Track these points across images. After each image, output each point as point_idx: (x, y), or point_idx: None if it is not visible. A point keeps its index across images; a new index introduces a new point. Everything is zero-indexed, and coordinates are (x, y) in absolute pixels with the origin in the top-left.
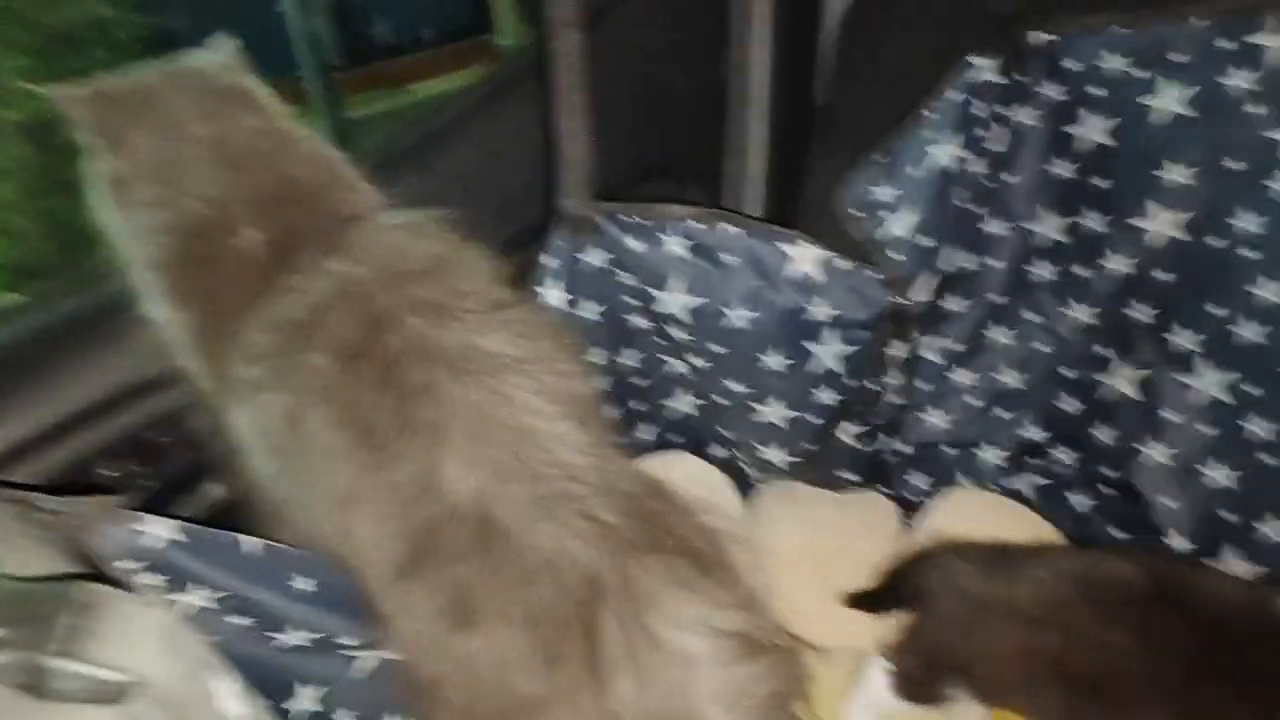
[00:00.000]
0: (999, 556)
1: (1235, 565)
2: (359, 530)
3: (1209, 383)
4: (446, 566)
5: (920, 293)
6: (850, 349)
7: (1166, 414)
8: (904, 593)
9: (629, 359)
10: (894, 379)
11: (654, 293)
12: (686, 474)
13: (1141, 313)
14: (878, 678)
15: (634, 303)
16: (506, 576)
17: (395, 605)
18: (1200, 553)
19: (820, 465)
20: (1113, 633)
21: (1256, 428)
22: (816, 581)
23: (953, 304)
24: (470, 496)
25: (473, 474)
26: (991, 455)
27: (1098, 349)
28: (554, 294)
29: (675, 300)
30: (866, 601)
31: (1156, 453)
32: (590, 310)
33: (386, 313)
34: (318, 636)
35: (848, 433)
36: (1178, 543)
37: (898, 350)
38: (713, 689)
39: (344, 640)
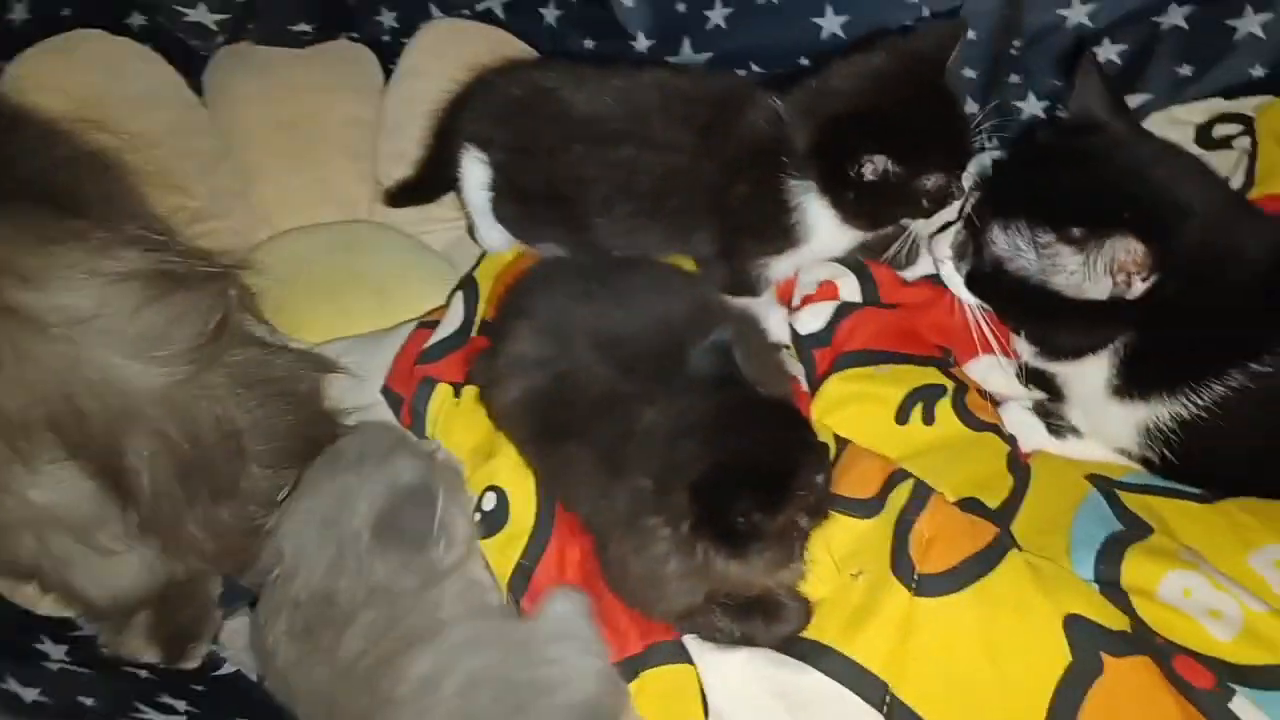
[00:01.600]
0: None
1: (692, 56)
2: None
3: None
4: None
5: None
6: None
7: None
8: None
9: None
10: None
11: None
12: (93, 57)
13: None
14: None
15: None
16: None
17: None
18: (659, 48)
19: (265, 18)
20: (679, 138)
21: None
22: (294, 151)
23: None
24: None
25: None
26: None
27: None
28: None
29: None
30: (410, 194)
31: None
32: None
33: None
34: None
35: None
36: (643, 43)
37: None
38: (121, 344)
39: None
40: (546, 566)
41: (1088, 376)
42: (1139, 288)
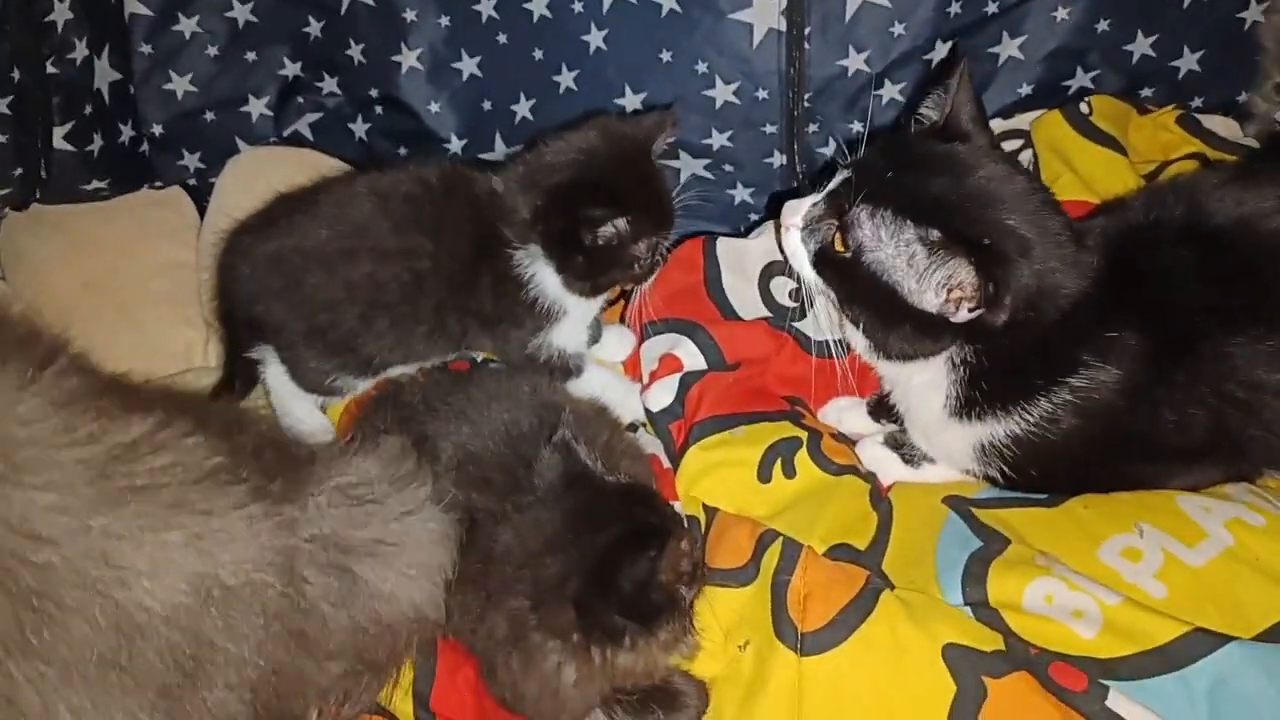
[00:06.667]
0: (283, 209)
1: (506, 150)
2: None
3: None
4: None
5: None
6: None
7: (407, 15)
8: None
9: None
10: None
11: None
12: None
13: None
14: None
15: None
16: None
17: None
18: (472, 148)
19: (55, 182)
20: (412, 242)
21: (483, 8)
22: (109, 310)
23: None
24: None
25: None
26: (258, 106)
27: None
28: None
29: None
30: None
31: (410, 58)
32: None
33: None
34: None
35: (62, 137)
36: (456, 145)
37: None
38: None
39: None
40: (442, 693)
41: (928, 401)
42: (964, 315)
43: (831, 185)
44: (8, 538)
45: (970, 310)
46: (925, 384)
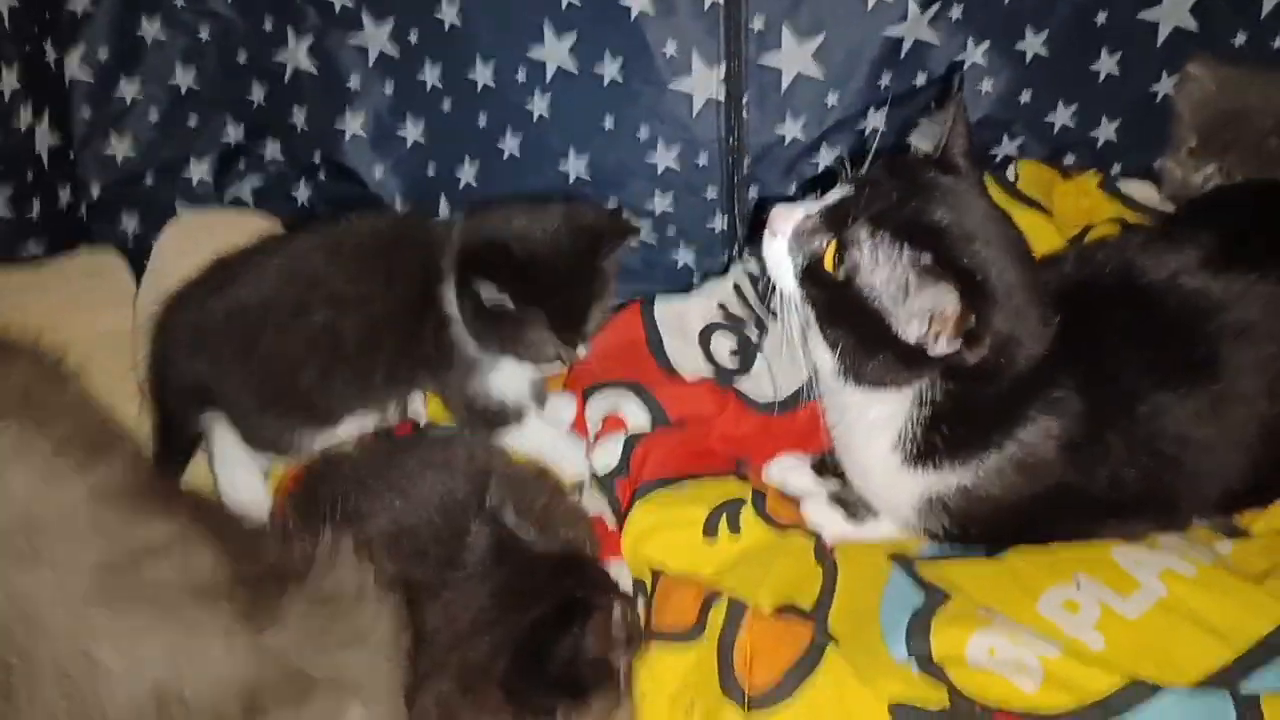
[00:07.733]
0: (219, 272)
1: (445, 212)
2: None
3: (374, 38)
4: None
5: None
6: None
7: (351, 82)
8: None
9: None
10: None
11: None
12: None
13: None
14: None
15: None
16: None
17: None
18: (419, 210)
19: None
20: (367, 290)
21: (427, 77)
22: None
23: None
24: None
25: None
26: (200, 170)
27: (268, 24)
28: None
29: None
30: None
31: (354, 124)
32: None
33: None
34: None
35: (2, 202)
36: (400, 209)
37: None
38: None
39: None
40: None
41: (876, 439)
42: (943, 346)
43: (830, 199)
44: (5, 615)
45: (949, 343)
46: (880, 419)
